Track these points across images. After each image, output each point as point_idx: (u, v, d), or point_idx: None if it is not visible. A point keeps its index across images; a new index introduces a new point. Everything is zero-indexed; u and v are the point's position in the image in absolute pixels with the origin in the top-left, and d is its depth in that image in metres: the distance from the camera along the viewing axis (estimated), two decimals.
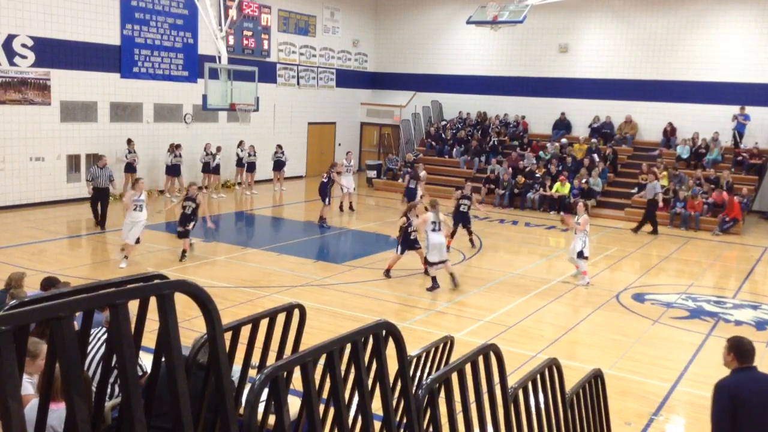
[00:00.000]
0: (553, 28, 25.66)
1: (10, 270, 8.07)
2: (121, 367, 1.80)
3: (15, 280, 6.97)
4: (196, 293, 1.95)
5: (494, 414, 3.07)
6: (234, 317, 3.61)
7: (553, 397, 3.98)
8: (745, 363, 4.72)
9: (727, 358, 4.78)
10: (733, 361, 4.75)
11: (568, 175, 21.91)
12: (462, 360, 2.85)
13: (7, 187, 17.73)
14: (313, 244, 16.34)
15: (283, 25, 25.40)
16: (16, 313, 1.62)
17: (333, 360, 2.23)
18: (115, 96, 19.92)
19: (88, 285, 2.25)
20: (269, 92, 23.75)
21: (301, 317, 3.85)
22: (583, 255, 12.90)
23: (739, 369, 4.73)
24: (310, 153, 27.25)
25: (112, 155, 19.88)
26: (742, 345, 4.77)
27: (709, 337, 10.46)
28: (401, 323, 9.84)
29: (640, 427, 7.40)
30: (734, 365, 4.76)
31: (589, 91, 25.30)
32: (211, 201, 20.90)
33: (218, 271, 13.05)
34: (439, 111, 28.49)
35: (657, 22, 24.15)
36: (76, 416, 1.68)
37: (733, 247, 17.90)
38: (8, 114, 17.48)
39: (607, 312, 11.55)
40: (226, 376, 1.99)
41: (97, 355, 4.88)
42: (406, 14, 28.82)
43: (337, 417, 2.28)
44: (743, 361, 4.72)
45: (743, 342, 4.83)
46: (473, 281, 13.05)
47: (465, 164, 25.22)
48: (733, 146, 22.68)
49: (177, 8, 21.27)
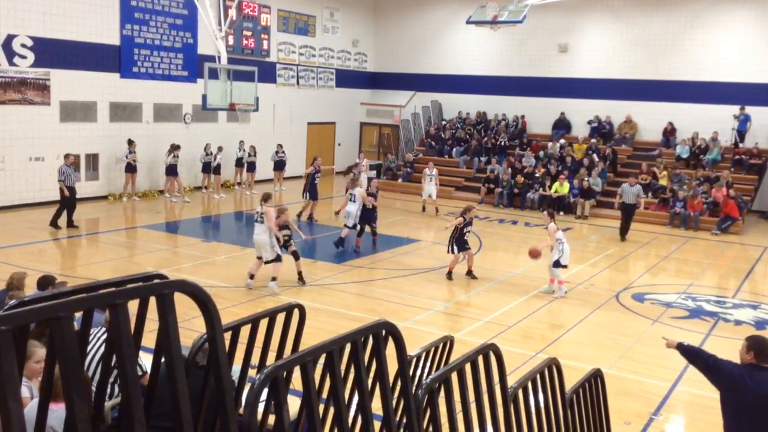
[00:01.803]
0: (552, 28, 25.67)
1: (10, 270, 8.07)
2: (121, 367, 1.80)
3: (16, 280, 6.97)
4: (195, 293, 1.95)
5: (494, 414, 3.07)
6: (234, 317, 3.61)
7: (553, 396, 3.98)
8: (763, 362, 4.71)
9: (746, 357, 4.76)
10: (752, 360, 4.74)
11: (567, 175, 21.91)
12: (462, 360, 2.85)
13: (7, 187, 17.73)
14: (313, 244, 16.34)
15: (283, 25, 25.40)
16: (16, 313, 1.62)
17: (333, 360, 2.23)
18: (114, 96, 19.93)
19: (88, 285, 2.25)
20: (269, 92, 23.76)
21: (300, 317, 3.85)
22: (560, 264, 11.99)
23: (757, 366, 4.72)
24: (310, 153, 27.22)
25: (111, 155, 19.91)
26: (762, 344, 4.77)
27: (708, 337, 10.47)
28: (401, 323, 9.84)
29: (640, 426, 7.40)
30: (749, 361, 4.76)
31: (588, 91, 25.30)
32: (211, 201, 20.91)
33: (218, 271, 13.05)
34: (438, 111, 28.50)
35: (657, 22, 24.16)
36: (76, 416, 1.68)
37: (732, 247, 17.91)
38: (8, 114, 17.48)
39: (606, 312, 11.55)
40: (226, 376, 1.99)
41: (97, 355, 4.88)
42: (406, 14, 28.83)
43: (337, 417, 2.28)
44: (762, 360, 4.71)
45: (764, 341, 4.82)
46: (473, 281, 13.05)
47: (465, 164, 25.23)
48: (732, 146, 22.69)
49: (177, 8, 21.27)
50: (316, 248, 16.05)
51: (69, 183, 15.52)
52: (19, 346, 1.85)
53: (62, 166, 15.65)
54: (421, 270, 13.72)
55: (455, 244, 12.90)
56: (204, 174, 21.66)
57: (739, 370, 4.73)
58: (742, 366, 4.75)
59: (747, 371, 4.69)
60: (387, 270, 13.74)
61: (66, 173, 15.52)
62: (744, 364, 4.75)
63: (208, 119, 22.48)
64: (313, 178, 18.06)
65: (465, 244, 12.97)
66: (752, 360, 4.71)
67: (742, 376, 4.66)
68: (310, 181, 18.09)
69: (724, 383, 4.78)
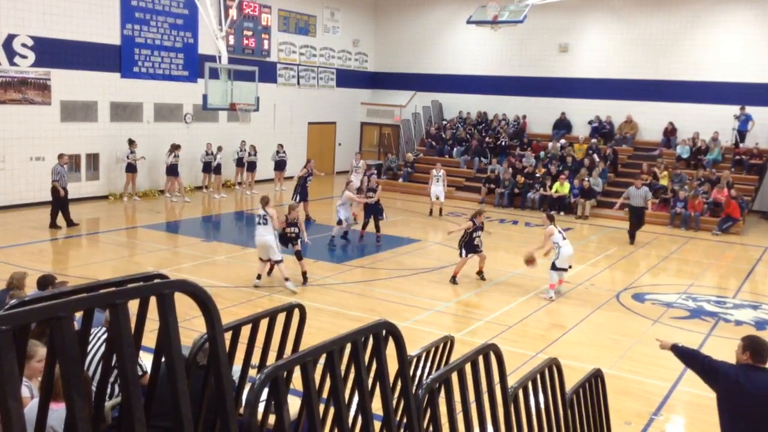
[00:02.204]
0: (553, 28, 25.66)
1: (11, 270, 8.06)
2: (121, 367, 1.80)
3: (17, 280, 6.96)
4: (196, 293, 1.95)
5: (494, 414, 3.07)
6: (234, 317, 3.61)
7: (553, 396, 3.98)
8: (759, 363, 4.71)
9: (742, 357, 4.75)
10: (748, 360, 4.73)
11: (568, 175, 21.92)
12: (462, 360, 2.85)
13: (7, 187, 17.73)
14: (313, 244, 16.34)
15: (283, 25, 25.40)
16: (16, 313, 1.62)
17: (333, 360, 2.23)
18: (115, 96, 19.93)
19: (88, 285, 2.25)
20: (269, 92, 23.75)
21: (301, 317, 3.85)
22: (556, 267, 11.96)
23: (752, 366, 4.72)
24: (310, 153, 27.23)
25: (112, 155, 19.91)
26: (758, 345, 4.76)
27: (709, 337, 10.47)
28: (401, 323, 9.84)
29: (640, 426, 7.40)
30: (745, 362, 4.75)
31: (589, 91, 25.30)
32: (212, 201, 20.92)
33: (218, 271, 13.05)
34: (439, 111, 28.50)
35: (657, 22, 24.15)
36: (76, 416, 1.68)
37: (733, 247, 17.90)
38: (8, 114, 17.48)
39: (607, 312, 11.55)
40: (226, 376, 1.99)
41: (97, 355, 4.88)
42: (406, 14, 28.82)
43: (337, 417, 2.28)
44: (758, 360, 4.71)
45: (759, 342, 4.82)
46: (473, 281, 13.05)
47: (465, 164, 25.23)
48: (733, 146, 22.69)
49: (177, 8, 21.27)
50: (316, 248, 16.04)
51: (63, 183, 15.69)
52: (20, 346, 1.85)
53: (56, 166, 15.83)
54: (421, 270, 13.73)
55: (464, 248, 12.79)
56: (204, 174, 21.66)
57: (735, 370, 4.72)
58: (738, 366, 4.73)
59: (743, 371, 4.67)
60: (387, 270, 13.74)
61: (60, 173, 15.71)
62: (740, 365, 4.74)
63: (209, 119, 22.48)
64: (305, 180, 17.96)
65: (476, 248, 12.82)
66: (748, 360, 4.71)
67: (738, 377, 4.65)
68: (301, 183, 17.98)
69: (720, 384, 4.78)
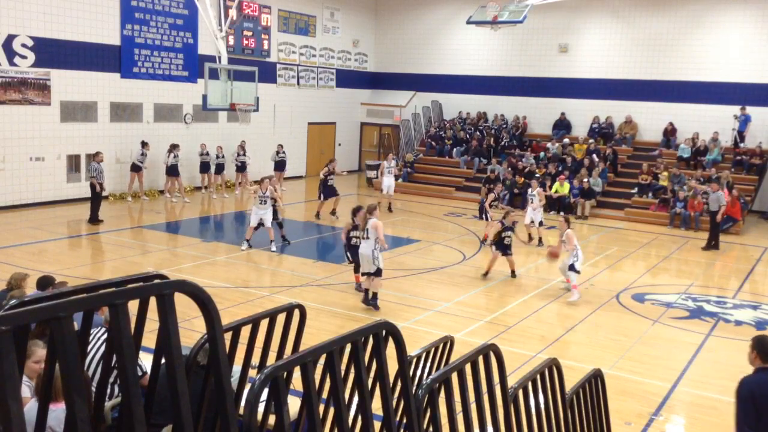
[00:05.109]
0: (553, 28, 25.66)
1: (11, 270, 8.07)
2: (121, 367, 1.80)
3: (17, 281, 6.96)
4: (196, 293, 1.95)
5: (494, 414, 3.07)
6: (234, 317, 3.61)
7: (553, 397, 3.98)
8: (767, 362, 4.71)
9: (751, 356, 4.77)
10: (756, 359, 4.73)
11: (567, 175, 21.92)
12: (462, 360, 2.85)
13: (7, 187, 17.73)
14: (313, 244, 16.36)
15: (283, 25, 25.40)
16: (16, 313, 1.62)
17: (333, 360, 2.23)
18: (115, 96, 19.93)
19: (88, 285, 2.25)
20: (269, 92, 23.76)
21: (301, 317, 3.85)
22: (575, 268, 12.04)
23: (762, 368, 4.72)
24: (310, 153, 27.27)
25: (112, 155, 19.90)
26: (764, 345, 4.76)
27: (709, 338, 10.46)
28: (401, 323, 9.84)
29: (640, 427, 7.40)
30: (758, 363, 4.75)
31: (589, 91, 25.30)
32: (212, 201, 20.90)
33: (218, 271, 13.05)
34: (439, 111, 28.49)
35: (657, 22, 24.15)
36: (76, 416, 1.68)
37: (733, 247, 17.89)
38: (8, 114, 17.48)
39: (607, 312, 11.55)
40: (226, 376, 1.99)
41: (97, 355, 4.89)
42: (406, 14, 28.82)
43: (337, 417, 2.27)
44: (766, 359, 4.71)
45: (765, 341, 4.82)
46: (473, 281, 13.05)
47: (465, 164, 25.22)
48: (733, 146, 22.69)
49: (177, 8, 21.27)
50: (316, 248, 16.06)
51: (99, 179, 16.40)
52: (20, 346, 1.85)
53: (93, 163, 16.66)
54: (421, 270, 13.73)
55: (497, 247, 13.20)
56: (202, 174, 21.64)
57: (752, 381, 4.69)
58: (754, 375, 4.73)
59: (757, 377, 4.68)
60: (387, 270, 13.70)
61: (97, 170, 16.44)
62: (754, 372, 4.74)
63: (209, 119, 22.48)
64: (326, 179, 18.30)
65: (507, 249, 13.15)
66: (756, 359, 4.72)
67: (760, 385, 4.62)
68: (323, 182, 18.40)
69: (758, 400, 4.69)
